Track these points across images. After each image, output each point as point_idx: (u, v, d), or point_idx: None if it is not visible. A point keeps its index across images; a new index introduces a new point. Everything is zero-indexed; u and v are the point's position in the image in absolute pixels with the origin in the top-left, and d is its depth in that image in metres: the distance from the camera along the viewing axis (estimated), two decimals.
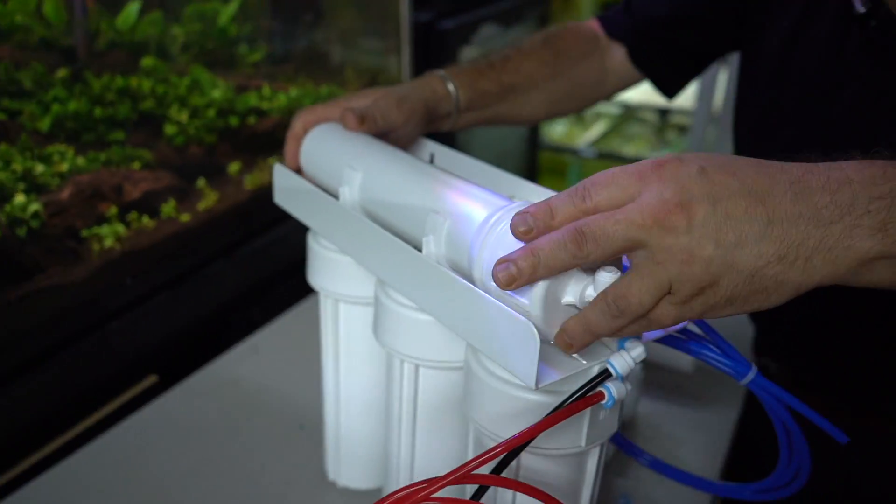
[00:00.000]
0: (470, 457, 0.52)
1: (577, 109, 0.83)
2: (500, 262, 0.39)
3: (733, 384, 0.89)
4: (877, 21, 0.58)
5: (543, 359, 0.39)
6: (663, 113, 2.77)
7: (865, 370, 0.71)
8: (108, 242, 0.83)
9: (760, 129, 0.71)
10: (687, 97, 2.54)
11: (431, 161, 0.67)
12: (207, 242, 0.96)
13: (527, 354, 0.39)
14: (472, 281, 0.44)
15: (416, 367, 0.53)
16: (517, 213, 0.40)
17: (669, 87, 0.82)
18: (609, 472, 0.71)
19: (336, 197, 0.57)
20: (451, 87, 0.69)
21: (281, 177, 0.63)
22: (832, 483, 0.78)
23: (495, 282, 0.39)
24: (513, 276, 0.38)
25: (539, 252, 0.38)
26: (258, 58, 1.04)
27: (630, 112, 2.81)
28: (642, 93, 2.54)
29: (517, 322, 0.39)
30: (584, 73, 0.78)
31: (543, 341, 0.39)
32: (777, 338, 0.78)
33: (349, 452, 0.67)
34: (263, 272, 1.05)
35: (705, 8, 0.74)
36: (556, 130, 2.56)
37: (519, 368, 0.40)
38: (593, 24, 0.80)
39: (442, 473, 0.39)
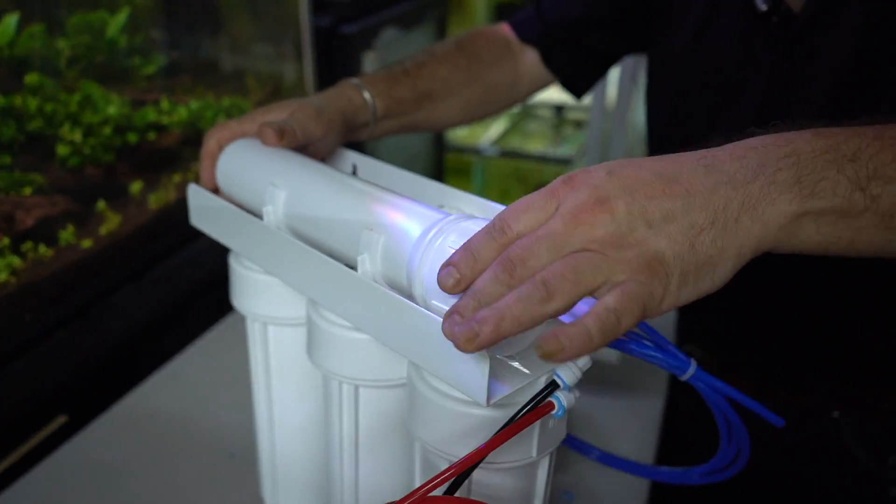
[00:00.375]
0: (417, 476, 0.51)
1: (491, 113, 0.83)
2: (447, 316, 0.37)
3: (657, 372, 0.92)
4: (778, 17, 0.61)
5: (490, 373, 0.39)
6: (559, 109, 2.84)
7: (790, 349, 0.75)
8: (2, 276, 0.77)
9: (671, 126, 0.74)
10: None
11: (354, 172, 0.66)
12: (113, 268, 0.91)
13: (476, 371, 0.38)
14: (411, 298, 0.43)
15: (356, 387, 0.51)
16: (442, 267, 0.38)
17: (579, 88, 0.83)
18: None
19: (259, 216, 0.54)
20: (367, 95, 0.68)
21: (197, 197, 0.60)
22: (768, 461, 0.82)
23: (455, 342, 0.36)
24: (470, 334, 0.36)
25: (479, 294, 0.36)
26: (153, 70, 0.99)
27: (527, 110, 2.87)
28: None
29: None
30: (499, 77, 0.78)
31: (490, 356, 0.38)
32: (701, 323, 0.81)
33: (287, 478, 0.65)
34: (175, 296, 1.00)
35: (613, 9, 0.76)
36: (459, 131, 2.58)
37: (468, 385, 0.39)
38: (504, 29, 0.81)
39: (388, 494, 0.38)
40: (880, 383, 0.72)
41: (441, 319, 0.39)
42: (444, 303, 0.41)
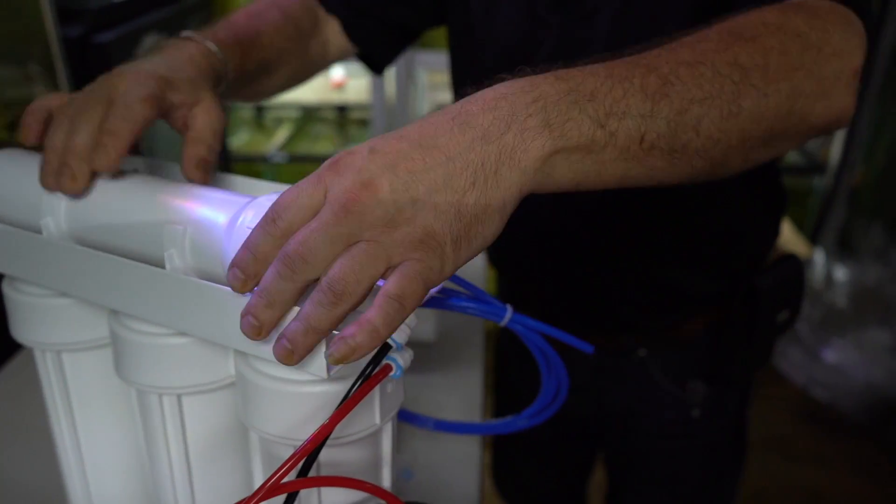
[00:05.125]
0: (258, 475, 0.49)
1: (302, 82, 0.79)
2: (242, 315, 0.38)
3: (471, 345, 0.96)
4: None
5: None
6: (341, 109, 2.85)
7: (596, 298, 0.80)
8: None
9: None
10: (360, 92, 2.65)
11: None
12: None
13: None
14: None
15: (178, 397, 0.48)
16: (229, 269, 0.39)
17: (379, 62, 0.83)
18: None
19: (37, 232, 0.49)
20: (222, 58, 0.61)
21: None
22: (589, 405, 0.88)
23: (246, 335, 0.38)
24: (258, 328, 0.38)
25: (267, 294, 0.37)
26: None
27: (309, 113, 2.84)
28: (318, 93, 2.60)
29: None
30: (314, 47, 0.76)
31: None
32: (512, 285, 0.85)
33: None
34: None
35: None
36: (235, 140, 2.50)
37: (305, 362, 0.39)
38: None
39: (229, 503, 0.36)
40: (675, 318, 0.81)
41: None
42: None
